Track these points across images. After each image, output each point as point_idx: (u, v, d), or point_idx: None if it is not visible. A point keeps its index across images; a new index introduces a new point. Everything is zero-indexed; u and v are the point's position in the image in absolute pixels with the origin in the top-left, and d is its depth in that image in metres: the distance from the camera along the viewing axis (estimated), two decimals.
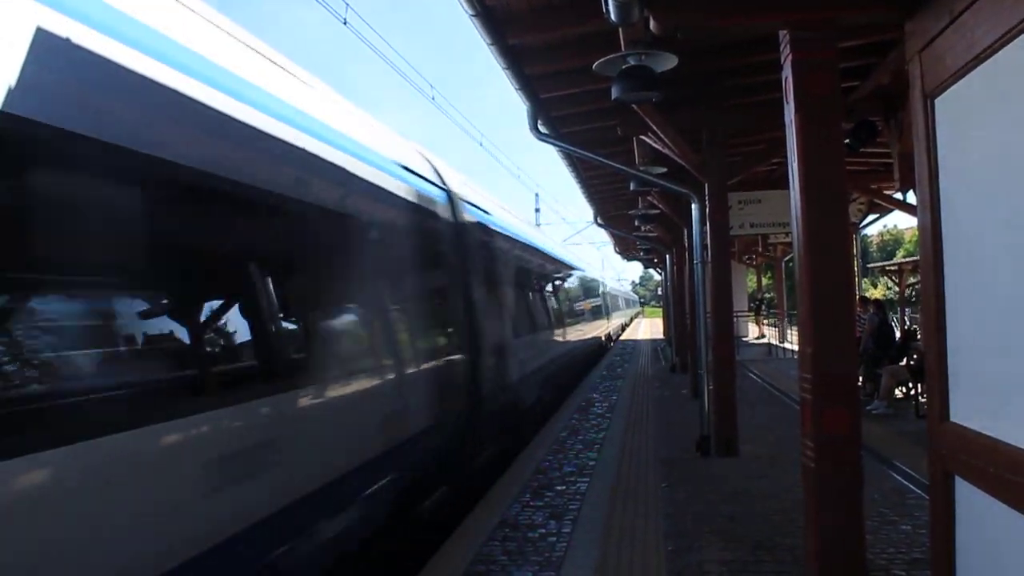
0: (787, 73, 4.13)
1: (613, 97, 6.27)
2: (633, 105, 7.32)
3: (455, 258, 7.77)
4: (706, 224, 8.95)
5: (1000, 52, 2.68)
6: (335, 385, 4.75)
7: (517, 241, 11.97)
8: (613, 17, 3.95)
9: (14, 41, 2.65)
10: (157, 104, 3.38)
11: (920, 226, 3.44)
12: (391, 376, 5.71)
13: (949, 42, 3.07)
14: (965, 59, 2.91)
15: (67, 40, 2.88)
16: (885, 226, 65.64)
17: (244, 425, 3.75)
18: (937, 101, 3.25)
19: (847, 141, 8.82)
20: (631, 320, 66.56)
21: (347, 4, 9.94)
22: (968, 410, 3.03)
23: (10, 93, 2.56)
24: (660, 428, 10.68)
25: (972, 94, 2.95)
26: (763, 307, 33.13)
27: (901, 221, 58.51)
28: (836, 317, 4.00)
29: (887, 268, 25.69)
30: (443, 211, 7.50)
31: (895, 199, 13.25)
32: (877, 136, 9.06)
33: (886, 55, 7.45)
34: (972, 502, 2.98)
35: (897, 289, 23.21)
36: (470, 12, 5.93)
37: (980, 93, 2.89)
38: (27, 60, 2.66)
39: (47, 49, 2.78)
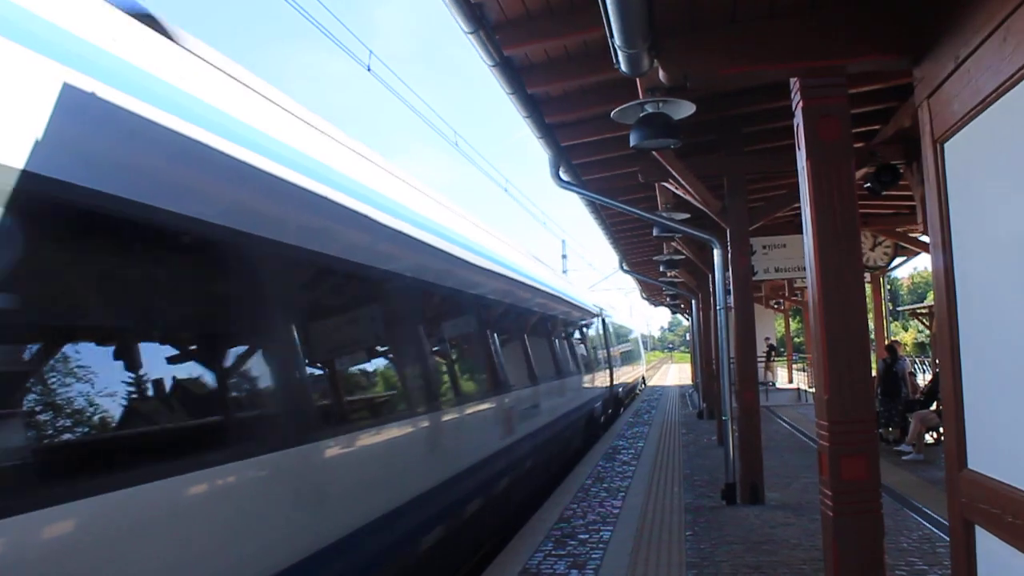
0: (798, 120, 4.16)
1: (631, 144, 6.27)
2: (653, 152, 7.36)
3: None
4: (728, 270, 8.92)
5: (1003, 98, 2.70)
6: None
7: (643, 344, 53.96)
8: (623, 68, 4.01)
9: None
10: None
11: (934, 269, 3.42)
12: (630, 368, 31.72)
13: (955, 88, 3.10)
14: (971, 105, 2.93)
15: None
16: (916, 269, 64.88)
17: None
18: (946, 146, 3.26)
19: (868, 185, 8.79)
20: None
21: (370, 51, 10.13)
22: (985, 457, 2.98)
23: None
24: (686, 475, 10.53)
25: (979, 139, 2.97)
26: (774, 353, 32.46)
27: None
28: (852, 363, 3.96)
29: (918, 311, 25.30)
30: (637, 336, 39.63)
31: (921, 242, 13.13)
32: (899, 179, 9.03)
33: (906, 99, 7.45)
34: (993, 552, 2.92)
35: (928, 332, 22.86)
36: (489, 63, 6.03)
37: (986, 138, 2.90)
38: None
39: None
